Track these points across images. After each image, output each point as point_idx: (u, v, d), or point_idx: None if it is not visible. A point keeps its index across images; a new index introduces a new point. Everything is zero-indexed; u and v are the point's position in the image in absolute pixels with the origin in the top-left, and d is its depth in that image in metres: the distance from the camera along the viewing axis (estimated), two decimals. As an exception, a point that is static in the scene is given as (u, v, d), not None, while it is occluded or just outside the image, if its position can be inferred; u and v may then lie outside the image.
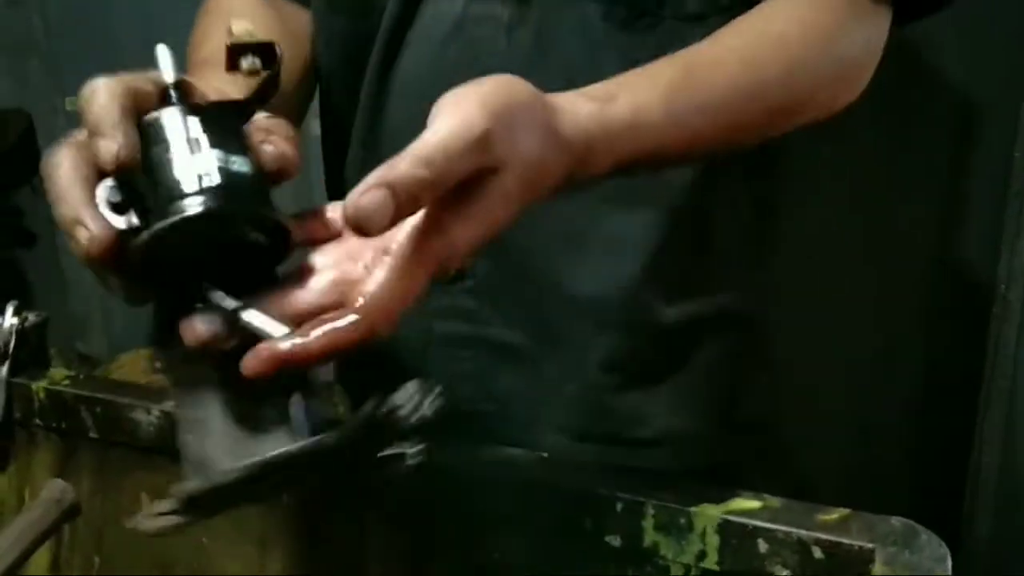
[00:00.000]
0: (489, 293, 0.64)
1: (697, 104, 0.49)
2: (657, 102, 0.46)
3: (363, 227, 0.37)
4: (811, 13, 0.54)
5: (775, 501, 0.51)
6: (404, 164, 0.37)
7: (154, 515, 0.35)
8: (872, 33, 0.58)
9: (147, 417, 0.64)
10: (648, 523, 0.51)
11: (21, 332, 0.69)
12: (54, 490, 0.48)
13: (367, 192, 0.37)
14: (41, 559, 0.65)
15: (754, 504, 0.51)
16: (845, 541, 0.47)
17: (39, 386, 0.68)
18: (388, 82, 0.62)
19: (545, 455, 0.57)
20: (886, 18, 0.59)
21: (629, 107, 0.45)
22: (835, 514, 0.50)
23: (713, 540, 0.50)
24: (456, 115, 0.39)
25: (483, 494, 0.55)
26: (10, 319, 0.69)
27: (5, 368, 0.68)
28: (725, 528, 0.50)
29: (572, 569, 0.53)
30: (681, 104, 0.48)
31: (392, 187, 0.37)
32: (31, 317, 0.71)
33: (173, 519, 0.35)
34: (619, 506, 0.52)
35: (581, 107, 0.44)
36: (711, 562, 0.50)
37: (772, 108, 0.53)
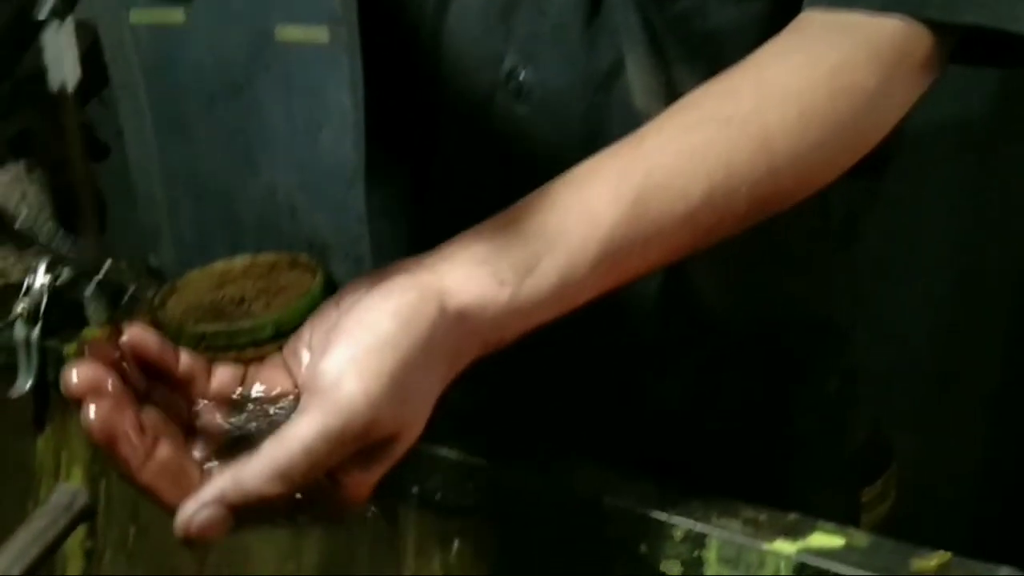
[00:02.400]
0: None
1: (645, 239, 0.39)
2: (593, 254, 0.37)
3: (194, 544, 0.32)
4: (823, 88, 0.41)
5: (862, 538, 0.43)
6: (253, 481, 0.32)
7: None
8: (910, 90, 0.45)
9: (176, 391, 0.59)
10: (711, 554, 0.44)
11: (53, 291, 0.64)
12: (63, 495, 0.44)
13: (202, 510, 0.32)
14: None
15: (836, 541, 0.43)
16: (945, 600, 0.40)
17: (71, 349, 0.63)
18: (445, 14, 0.55)
19: (597, 464, 0.49)
20: (940, 67, 0.45)
21: (554, 275, 0.37)
22: (933, 559, 0.42)
23: (787, 581, 0.43)
24: (331, 407, 0.32)
25: (528, 502, 0.48)
26: (41, 278, 0.64)
27: (36, 330, 0.64)
28: (802, 570, 0.42)
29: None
30: (624, 247, 0.38)
31: (234, 507, 0.32)
32: (65, 273, 0.66)
33: None
34: (678, 533, 0.45)
35: (491, 301, 0.36)
36: (783, 603, 0.43)
37: (745, 213, 0.42)
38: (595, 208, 0.38)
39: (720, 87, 0.43)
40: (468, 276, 0.35)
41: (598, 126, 0.52)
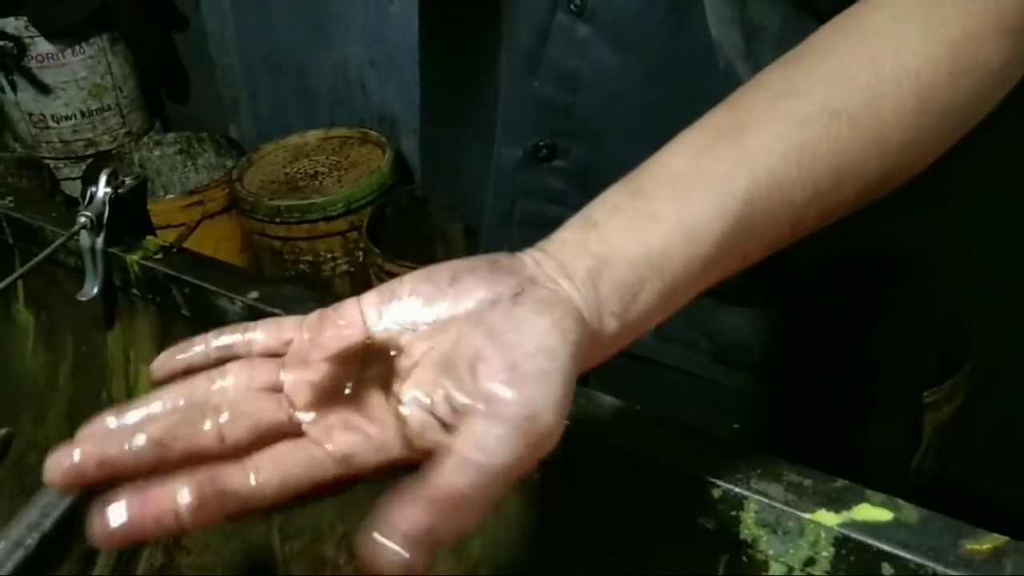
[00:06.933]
0: (581, 176, 0.53)
1: (748, 246, 0.35)
2: (695, 273, 0.34)
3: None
4: (944, 68, 0.36)
5: (912, 513, 0.39)
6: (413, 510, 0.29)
7: None
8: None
9: (232, 306, 0.57)
10: (749, 517, 0.41)
11: (116, 200, 0.63)
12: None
13: (380, 545, 0.29)
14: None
15: (884, 515, 0.39)
16: (995, 591, 0.36)
17: (132, 259, 0.62)
18: None
19: (638, 408, 0.46)
20: None
21: (656, 299, 0.34)
22: (987, 542, 0.38)
23: (826, 551, 0.40)
24: (528, 438, 0.31)
25: (563, 448, 0.46)
26: (103, 188, 0.62)
27: (100, 239, 0.62)
28: (843, 542, 0.39)
29: (653, 543, 0.45)
30: (726, 256, 0.35)
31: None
32: (127, 182, 0.64)
33: None
34: (716, 492, 0.42)
35: (605, 331, 0.34)
36: (820, 570, 0.40)
37: (850, 205, 0.38)
38: (698, 225, 0.34)
39: (831, 66, 0.36)
40: (592, 303, 0.33)
41: (666, 56, 0.46)
